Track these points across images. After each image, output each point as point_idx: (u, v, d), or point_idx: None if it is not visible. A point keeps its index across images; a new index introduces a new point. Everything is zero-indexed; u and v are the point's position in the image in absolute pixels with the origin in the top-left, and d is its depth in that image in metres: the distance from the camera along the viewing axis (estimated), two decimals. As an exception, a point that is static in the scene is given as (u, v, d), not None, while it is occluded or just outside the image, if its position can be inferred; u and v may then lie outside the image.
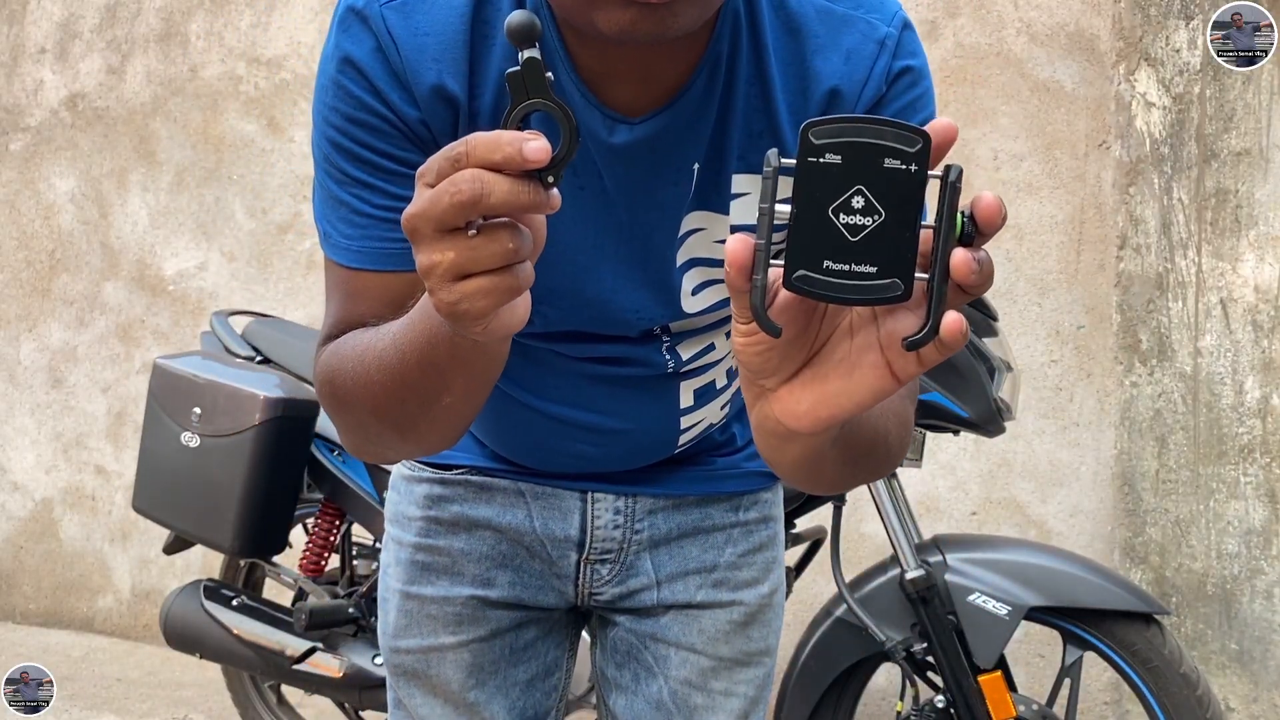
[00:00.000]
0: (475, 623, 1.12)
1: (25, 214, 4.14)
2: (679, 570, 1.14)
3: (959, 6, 2.87)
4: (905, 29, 0.90)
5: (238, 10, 3.78)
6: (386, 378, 0.80)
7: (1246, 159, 2.48)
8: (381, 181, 0.86)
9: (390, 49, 0.84)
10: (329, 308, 0.91)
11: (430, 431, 0.85)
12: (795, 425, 0.65)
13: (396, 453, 0.93)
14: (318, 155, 0.88)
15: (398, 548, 1.15)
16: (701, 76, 0.87)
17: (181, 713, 3.15)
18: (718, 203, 0.92)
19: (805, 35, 0.88)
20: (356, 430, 0.88)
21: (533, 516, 1.13)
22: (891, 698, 2.23)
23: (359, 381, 0.83)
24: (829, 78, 0.88)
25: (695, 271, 0.95)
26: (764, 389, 0.66)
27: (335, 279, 0.90)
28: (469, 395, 0.81)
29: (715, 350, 1.04)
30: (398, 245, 0.85)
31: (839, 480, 0.87)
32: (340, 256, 0.88)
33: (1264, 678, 2.48)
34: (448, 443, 0.88)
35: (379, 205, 0.86)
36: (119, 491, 3.90)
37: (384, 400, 0.82)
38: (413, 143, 0.86)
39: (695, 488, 1.15)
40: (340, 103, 0.85)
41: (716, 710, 1.14)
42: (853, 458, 0.81)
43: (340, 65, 0.85)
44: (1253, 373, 2.48)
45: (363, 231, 0.86)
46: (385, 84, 0.84)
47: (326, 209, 0.88)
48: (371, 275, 0.87)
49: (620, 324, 0.97)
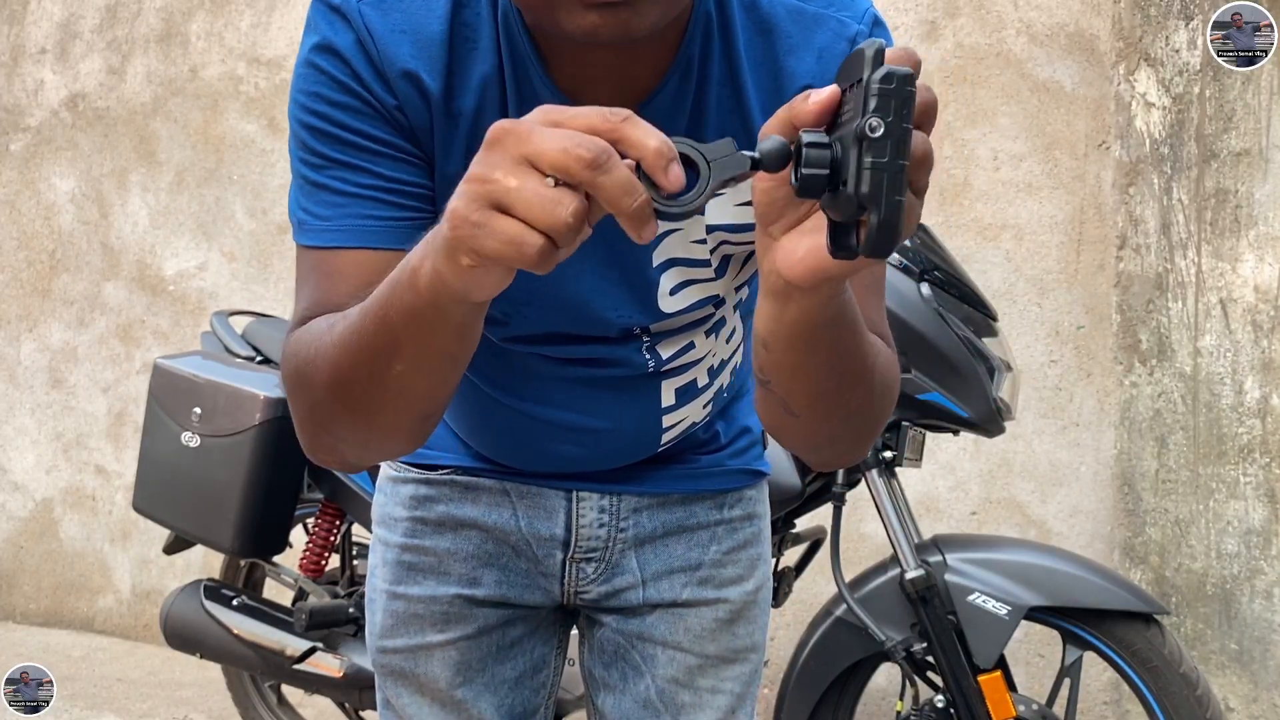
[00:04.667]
0: (462, 621, 1.13)
1: (25, 214, 4.14)
2: (664, 569, 1.15)
3: (959, 6, 2.88)
4: (876, 25, 0.91)
5: (238, 10, 3.79)
6: (343, 340, 0.78)
7: (1246, 159, 2.48)
8: (362, 161, 0.85)
9: (368, 42, 0.85)
10: (299, 298, 0.88)
11: (382, 412, 0.81)
12: (789, 274, 0.70)
13: (350, 445, 0.87)
14: (294, 146, 0.87)
15: (384, 548, 1.16)
16: (673, 79, 0.88)
17: (182, 713, 3.15)
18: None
19: (777, 35, 0.89)
20: (311, 415, 0.85)
21: (518, 516, 1.13)
22: (891, 698, 2.24)
23: (317, 353, 0.81)
24: (803, 77, 0.89)
25: (673, 271, 0.96)
26: (771, 239, 0.70)
27: (310, 264, 0.87)
28: (421, 364, 0.77)
29: (695, 349, 1.04)
30: (380, 223, 0.85)
31: (826, 408, 0.85)
32: (317, 239, 0.86)
33: (1264, 678, 2.48)
34: (403, 435, 0.84)
35: (359, 184, 0.85)
36: (119, 491, 3.91)
37: (337, 368, 0.79)
38: (392, 126, 0.86)
39: (679, 486, 1.15)
40: (320, 87, 0.85)
41: (704, 707, 1.15)
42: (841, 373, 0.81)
43: (320, 52, 0.85)
44: (1252, 373, 2.48)
45: (342, 210, 0.85)
46: (365, 72, 0.85)
47: (303, 197, 0.87)
48: (350, 253, 0.85)
49: (599, 324, 0.97)
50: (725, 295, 1.01)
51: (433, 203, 0.89)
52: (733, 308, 1.06)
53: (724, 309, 1.04)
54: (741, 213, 0.94)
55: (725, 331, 1.07)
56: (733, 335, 1.09)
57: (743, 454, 1.19)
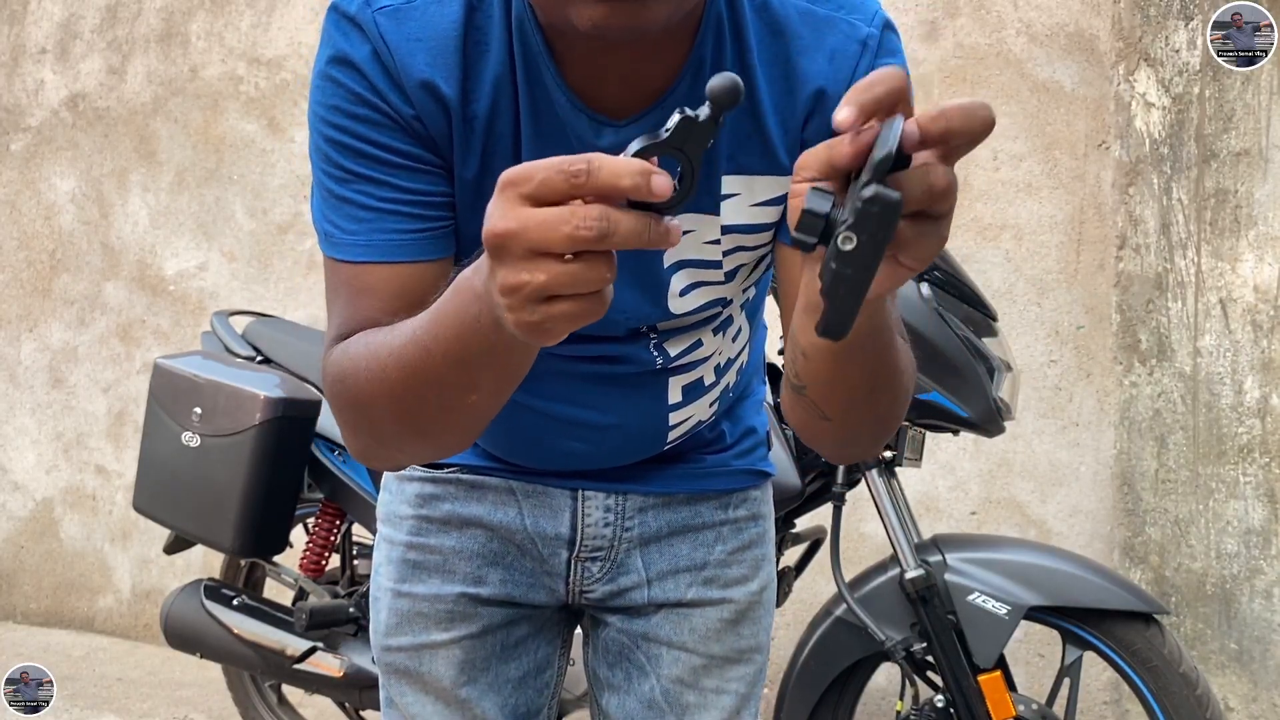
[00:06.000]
0: (466, 620, 1.13)
1: (26, 214, 4.14)
2: (669, 568, 1.15)
3: (959, 6, 2.88)
4: (886, 29, 0.91)
5: (238, 10, 3.79)
6: (407, 375, 0.79)
7: (1246, 159, 2.48)
8: (384, 174, 0.86)
9: (384, 52, 0.85)
10: (333, 311, 0.89)
11: (449, 431, 0.84)
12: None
13: (409, 455, 0.90)
14: (315, 158, 0.88)
15: (389, 547, 1.16)
16: (685, 79, 0.88)
17: (182, 712, 3.15)
18: (708, 204, 0.93)
19: (789, 36, 0.89)
20: (368, 433, 0.87)
21: (523, 514, 1.13)
22: (891, 697, 2.24)
23: (375, 380, 0.81)
24: (814, 78, 0.89)
25: (684, 273, 0.96)
26: (815, 258, 0.71)
27: (340, 279, 0.88)
28: (497, 392, 0.80)
29: (702, 347, 1.05)
30: (406, 236, 0.86)
31: (859, 413, 0.87)
32: (345, 253, 0.87)
33: (1263, 677, 2.48)
34: (464, 444, 0.87)
35: (383, 198, 0.86)
36: (119, 491, 3.91)
37: (404, 399, 0.80)
38: (411, 136, 0.86)
39: (684, 485, 1.15)
40: (339, 100, 0.86)
41: (709, 708, 1.15)
42: (874, 380, 0.84)
43: (336, 64, 0.86)
44: (1252, 373, 2.48)
45: (368, 225, 0.86)
46: (382, 83, 0.85)
47: (327, 209, 0.88)
48: (380, 268, 0.86)
49: (608, 324, 0.98)
50: (733, 296, 1.02)
51: (453, 209, 0.90)
52: (739, 307, 1.06)
53: (731, 308, 1.04)
54: (757, 213, 0.94)
55: (732, 330, 1.07)
56: (739, 334, 1.09)
57: (748, 454, 1.19)
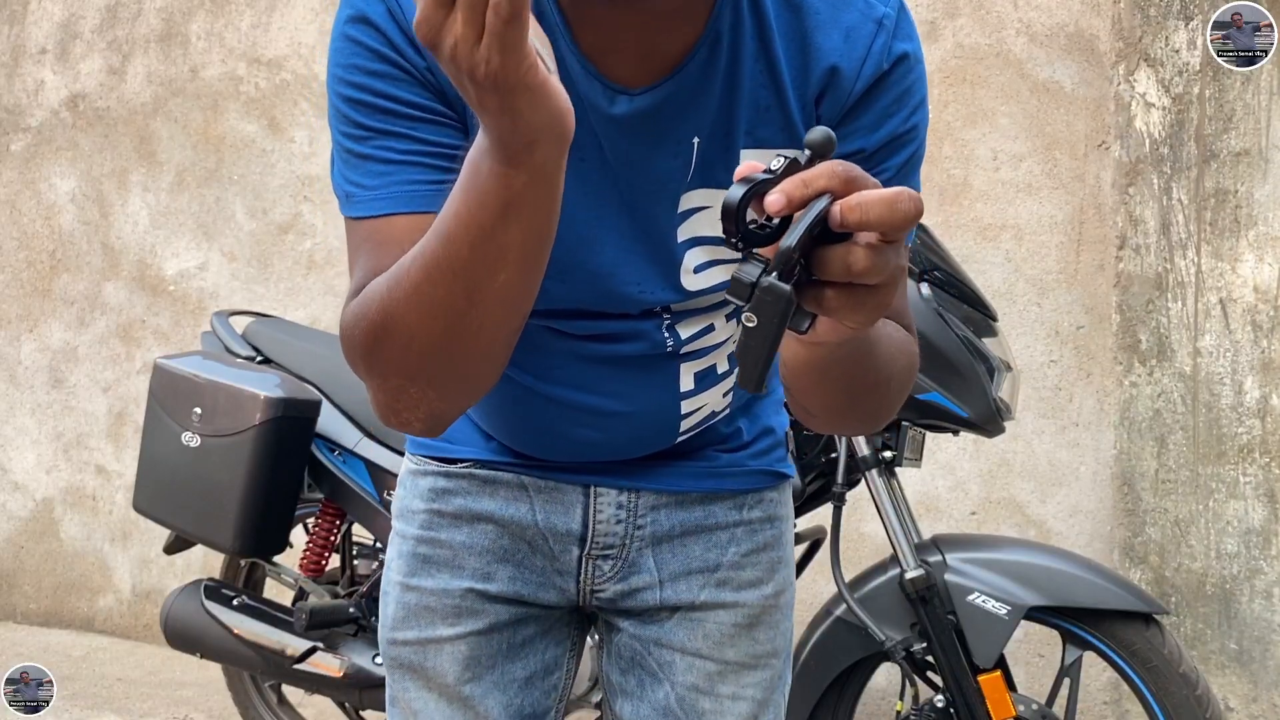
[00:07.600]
0: (473, 615, 1.12)
1: (26, 214, 4.14)
2: (682, 569, 1.14)
3: (959, 6, 2.88)
4: (902, 11, 0.92)
5: (238, 11, 3.79)
6: (431, 271, 0.78)
7: (1246, 159, 2.48)
8: (403, 128, 0.87)
9: (397, 10, 0.87)
10: (355, 271, 0.89)
11: (480, 335, 0.82)
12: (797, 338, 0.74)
13: (439, 390, 0.86)
14: (335, 121, 0.89)
15: (400, 540, 1.16)
16: (702, 51, 0.89)
17: (182, 712, 3.15)
18: (725, 179, 0.92)
19: (806, 11, 0.91)
20: (396, 367, 0.84)
21: (535, 510, 1.13)
22: (891, 698, 2.24)
23: (398, 291, 0.80)
24: (829, 55, 0.90)
25: (698, 250, 0.96)
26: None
27: (361, 235, 0.88)
28: (524, 265, 0.78)
29: (716, 331, 1.04)
30: (426, 187, 0.87)
31: (842, 413, 0.91)
32: (367, 209, 0.88)
33: (1263, 678, 2.48)
34: (492, 366, 0.86)
35: (404, 151, 0.87)
36: (119, 491, 3.91)
37: (431, 299, 0.79)
38: (426, 88, 0.88)
39: (698, 484, 1.15)
40: (356, 58, 0.87)
41: (724, 715, 1.14)
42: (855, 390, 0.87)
43: (354, 23, 0.88)
44: (1252, 373, 2.49)
45: (388, 178, 0.87)
46: (397, 37, 0.87)
47: (348, 170, 0.89)
48: (401, 219, 0.86)
49: (622, 300, 0.98)
50: None
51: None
52: None
53: None
54: None
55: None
56: None
57: (764, 455, 1.18)
